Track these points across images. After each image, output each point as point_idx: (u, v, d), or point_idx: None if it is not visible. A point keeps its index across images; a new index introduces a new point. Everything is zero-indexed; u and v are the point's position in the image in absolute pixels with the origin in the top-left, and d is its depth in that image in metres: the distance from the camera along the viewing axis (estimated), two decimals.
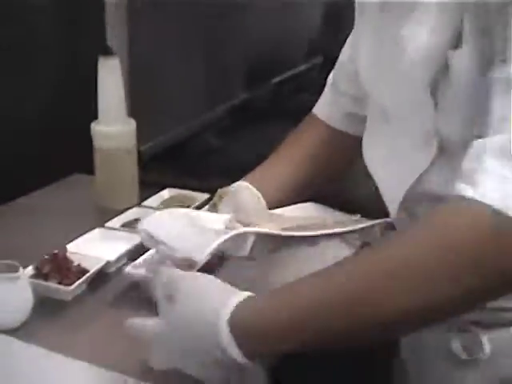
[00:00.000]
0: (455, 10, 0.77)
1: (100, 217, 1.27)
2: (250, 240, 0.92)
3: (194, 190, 1.38)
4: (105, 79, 1.31)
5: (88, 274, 1.00)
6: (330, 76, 1.19)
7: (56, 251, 1.04)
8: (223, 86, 1.98)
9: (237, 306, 0.70)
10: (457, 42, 0.77)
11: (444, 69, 0.78)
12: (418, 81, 0.81)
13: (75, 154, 1.44)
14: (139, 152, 1.40)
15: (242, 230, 0.92)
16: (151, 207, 1.29)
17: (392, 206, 0.91)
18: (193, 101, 1.77)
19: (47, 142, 1.46)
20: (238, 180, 1.15)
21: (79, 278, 0.99)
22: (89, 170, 1.42)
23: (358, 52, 0.98)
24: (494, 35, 0.72)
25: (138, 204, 1.32)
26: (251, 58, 2.19)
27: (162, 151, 1.58)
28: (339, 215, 1.13)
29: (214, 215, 1.00)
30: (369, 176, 0.98)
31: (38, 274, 1.00)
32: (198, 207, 1.27)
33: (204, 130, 1.79)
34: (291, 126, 1.86)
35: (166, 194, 1.35)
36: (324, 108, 1.15)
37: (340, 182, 1.21)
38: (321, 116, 1.14)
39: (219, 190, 1.25)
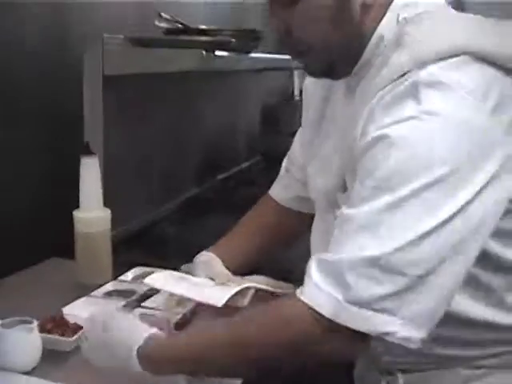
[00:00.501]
0: (341, 169, 1.06)
1: (81, 290, 1.51)
2: (250, 293, 1.19)
3: (158, 267, 1.63)
4: (86, 175, 1.58)
5: (82, 330, 1.24)
6: (284, 163, 1.46)
7: (53, 314, 1.28)
8: (178, 181, 2.28)
9: (145, 339, 1.02)
10: (343, 188, 1.06)
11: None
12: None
13: (52, 239, 1.69)
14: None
15: (247, 284, 1.19)
16: (126, 281, 1.54)
17: None
18: (153, 193, 2.05)
19: (31, 227, 1.71)
20: (190, 260, 1.43)
21: (76, 333, 1.23)
22: (63, 253, 1.67)
23: (301, 153, 1.31)
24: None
25: (114, 278, 1.57)
26: (201, 157, 2.49)
27: (128, 236, 1.83)
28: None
29: (202, 279, 1.28)
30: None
31: (42, 330, 1.23)
32: None
33: (162, 219, 2.07)
34: (236, 215, 2.16)
35: (136, 270, 1.61)
36: (278, 191, 1.44)
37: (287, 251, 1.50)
38: (275, 197, 1.44)
39: (183, 266, 1.53)
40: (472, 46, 0.94)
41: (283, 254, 1.52)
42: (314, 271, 0.91)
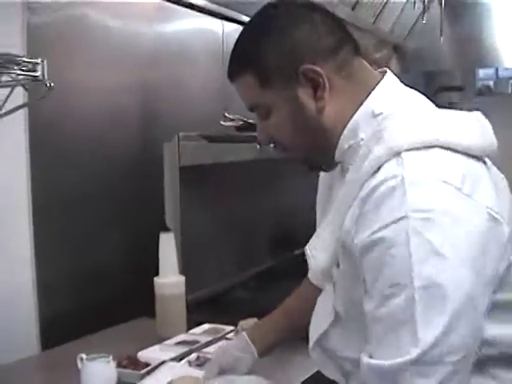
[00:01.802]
0: (335, 236, 1.13)
1: (159, 341, 1.84)
2: None
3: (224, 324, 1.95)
4: (164, 249, 1.94)
5: (150, 367, 1.58)
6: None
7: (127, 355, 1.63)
8: (249, 255, 2.61)
9: None
10: (338, 262, 1.14)
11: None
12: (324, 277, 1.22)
13: (141, 302, 2.05)
14: (187, 299, 2.00)
15: None
16: (195, 333, 1.87)
17: (310, 345, 1.32)
18: (226, 264, 2.39)
19: (125, 291, 2.08)
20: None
21: (144, 368, 1.56)
22: (149, 314, 2.03)
23: None
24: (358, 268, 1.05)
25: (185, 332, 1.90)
26: (275, 234, 2.82)
27: (201, 300, 2.17)
28: None
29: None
30: None
31: (118, 365, 1.56)
32: (227, 333, 1.85)
33: (233, 287, 2.40)
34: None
35: (204, 326, 1.93)
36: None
37: None
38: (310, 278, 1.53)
39: (241, 322, 1.83)
40: (440, 139, 1.04)
41: None
42: (368, 379, 1.02)
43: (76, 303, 1.97)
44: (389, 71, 1.21)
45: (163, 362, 1.64)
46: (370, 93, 1.16)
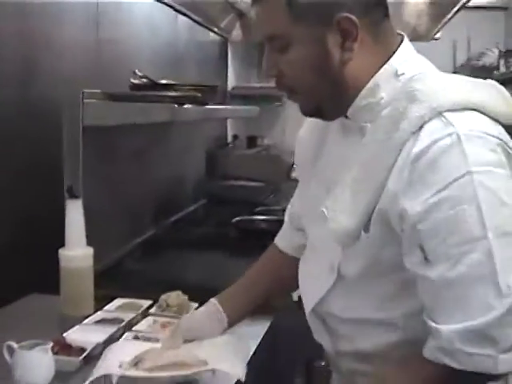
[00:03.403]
0: (364, 200, 1.10)
1: (68, 321, 1.66)
2: None
3: (134, 298, 1.81)
4: (71, 217, 1.75)
5: (88, 350, 1.41)
6: (286, 213, 1.59)
7: (56, 338, 1.44)
8: (139, 222, 2.47)
9: None
10: (367, 227, 1.11)
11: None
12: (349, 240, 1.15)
13: (30, 277, 1.85)
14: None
15: None
16: (111, 310, 1.71)
17: (307, 312, 1.35)
18: (122, 232, 2.23)
19: (12, 265, 1.85)
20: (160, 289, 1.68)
21: (81, 354, 1.40)
22: (45, 290, 1.83)
23: (297, 203, 1.45)
24: (398, 231, 1.06)
25: (97, 310, 1.73)
26: (156, 201, 2.69)
27: (103, 271, 2.00)
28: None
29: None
30: None
31: None
32: (147, 309, 1.71)
33: (129, 256, 2.25)
34: (191, 252, 2.35)
35: (117, 302, 1.77)
36: (282, 240, 1.57)
37: None
38: (279, 245, 1.57)
39: (162, 296, 1.71)
40: (478, 104, 1.07)
41: None
42: (458, 343, 0.99)
43: None
44: (405, 35, 1.22)
45: (98, 345, 1.47)
46: (391, 54, 1.17)
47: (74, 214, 1.75)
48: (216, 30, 3.74)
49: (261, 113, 3.85)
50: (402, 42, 1.20)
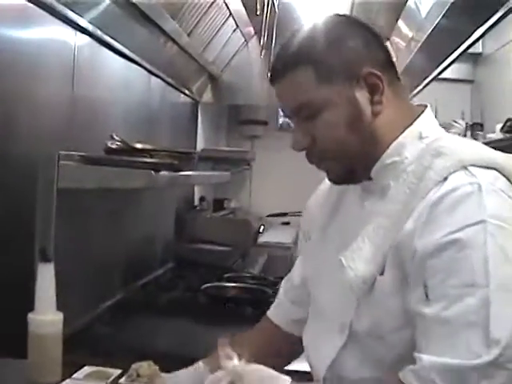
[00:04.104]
0: (383, 247, 1.13)
1: None
2: None
3: (103, 365, 1.76)
4: (42, 281, 1.71)
5: None
6: (282, 285, 1.59)
7: None
8: (107, 286, 2.43)
9: None
10: (381, 270, 1.14)
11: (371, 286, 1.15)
12: (349, 295, 1.19)
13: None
14: None
15: None
16: (79, 379, 1.66)
17: (319, 380, 1.30)
18: (92, 295, 2.19)
19: None
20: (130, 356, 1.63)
21: None
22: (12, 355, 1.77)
23: (305, 268, 1.44)
24: (408, 271, 1.08)
25: (64, 379, 1.68)
26: (126, 263, 2.66)
27: (71, 337, 1.95)
28: None
29: None
30: None
31: None
32: (117, 378, 1.67)
33: (98, 320, 2.21)
34: (161, 318, 2.31)
35: (86, 369, 1.73)
36: (276, 314, 1.55)
37: None
38: (274, 320, 1.54)
39: (133, 365, 1.67)
40: (500, 163, 1.13)
41: None
42: (434, 374, 1.00)
43: None
44: (428, 104, 1.29)
45: None
46: (415, 117, 1.23)
47: (46, 278, 1.71)
48: (187, 92, 3.77)
49: (229, 178, 3.86)
50: (425, 107, 1.27)
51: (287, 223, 5.01)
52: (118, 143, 1.91)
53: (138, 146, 2.00)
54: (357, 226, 1.22)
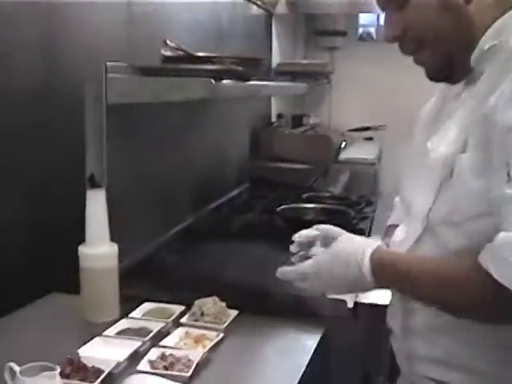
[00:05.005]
0: (467, 126, 1.12)
1: (90, 329, 1.44)
2: None
3: (166, 301, 1.58)
4: (92, 209, 1.52)
5: (105, 373, 1.18)
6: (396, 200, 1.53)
7: (69, 356, 1.22)
8: (175, 212, 2.23)
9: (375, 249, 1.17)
10: (463, 149, 1.11)
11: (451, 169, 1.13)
12: (433, 178, 1.17)
13: (53, 275, 1.63)
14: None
15: None
16: (138, 318, 1.48)
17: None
18: (154, 223, 2.00)
19: (30, 262, 1.63)
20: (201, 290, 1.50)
21: (97, 377, 1.17)
22: (63, 289, 1.61)
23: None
24: (491, 152, 1.04)
25: (122, 317, 1.50)
26: (193, 187, 2.45)
27: (132, 269, 1.77)
28: None
29: None
30: None
31: (61, 375, 1.16)
32: (179, 316, 1.48)
33: (163, 249, 2.02)
34: (232, 244, 2.11)
35: (146, 306, 1.54)
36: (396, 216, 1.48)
37: None
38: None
39: (196, 302, 1.48)
40: None
41: None
42: (507, 251, 0.98)
43: None
44: None
45: (117, 365, 1.25)
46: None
47: (96, 206, 1.53)
48: (259, 3, 3.47)
49: (307, 90, 3.62)
50: None
51: (370, 138, 4.74)
52: (176, 51, 1.67)
53: (198, 54, 1.75)
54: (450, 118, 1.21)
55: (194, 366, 1.23)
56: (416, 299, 1.17)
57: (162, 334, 1.40)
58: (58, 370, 1.09)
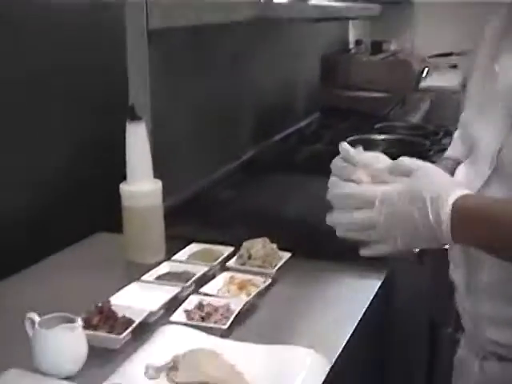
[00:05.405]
0: None
1: (132, 271, 1.34)
2: None
3: (216, 242, 1.46)
4: (132, 143, 1.41)
5: (134, 324, 1.08)
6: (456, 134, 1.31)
7: (100, 304, 1.12)
8: (232, 144, 2.09)
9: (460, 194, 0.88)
10: None
11: None
12: (503, 109, 1.00)
13: (98, 213, 1.54)
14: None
15: None
16: (181, 261, 1.37)
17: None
18: (206, 157, 1.87)
19: (73, 201, 1.55)
20: (254, 229, 1.32)
21: (126, 328, 1.07)
22: (110, 228, 1.51)
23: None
24: None
25: (167, 258, 1.40)
26: (256, 116, 2.30)
27: (181, 206, 1.66)
28: None
29: None
30: None
31: (88, 325, 1.07)
32: (226, 259, 1.37)
33: (217, 185, 1.90)
34: (296, 178, 1.97)
35: (192, 247, 1.43)
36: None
37: None
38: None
39: (245, 243, 1.36)
40: None
41: None
42: None
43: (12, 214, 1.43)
44: None
45: (150, 315, 1.14)
46: None
47: (136, 140, 1.41)
48: None
49: (387, 15, 3.38)
50: None
51: (454, 66, 4.44)
52: None
53: None
54: None
55: (232, 317, 1.11)
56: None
57: (205, 279, 1.29)
58: (79, 321, 1.00)
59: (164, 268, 1.33)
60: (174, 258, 1.39)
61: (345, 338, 1.11)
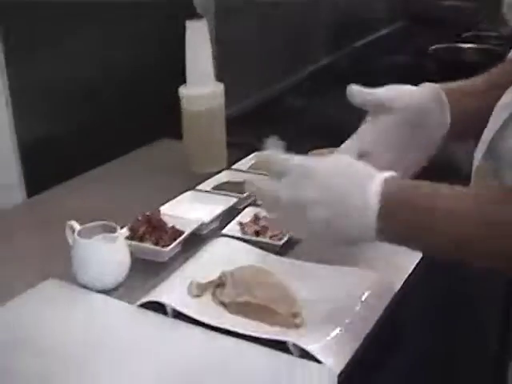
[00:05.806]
0: None
1: (190, 180, 1.26)
2: None
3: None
4: (193, 43, 1.30)
5: (183, 236, 1.00)
6: None
7: (149, 213, 1.04)
8: (306, 49, 1.96)
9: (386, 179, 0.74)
10: None
11: None
12: None
13: (163, 119, 1.45)
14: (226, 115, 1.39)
15: None
16: (241, 170, 1.28)
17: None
18: (275, 65, 1.75)
19: (136, 105, 1.47)
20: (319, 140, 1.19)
21: (174, 240, 0.99)
22: (177, 134, 1.42)
23: None
24: None
25: (227, 167, 1.31)
26: (333, 23, 2.15)
27: (246, 114, 1.57)
28: None
29: None
30: None
31: (133, 236, 1.00)
32: None
33: (286, 93, 1.78)
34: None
35: (255, 156, 1.34)
36: None
37: None
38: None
39: (309, 153, 1.25)
40: None
41: None
42: None
43: (65, 124, 1.36)
44: None
45: (201, 226, 1.06)
46: None
47: (196, 39, 1.30)
48: None
49: None
50: None
51: None
52: None
53: None
54: None
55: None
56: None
57: None
58: (120, 231, 0.93)
59: (223, 177, 1.25)
60: (235, 166, 1.30)
61: (412, 264, 1.00)
